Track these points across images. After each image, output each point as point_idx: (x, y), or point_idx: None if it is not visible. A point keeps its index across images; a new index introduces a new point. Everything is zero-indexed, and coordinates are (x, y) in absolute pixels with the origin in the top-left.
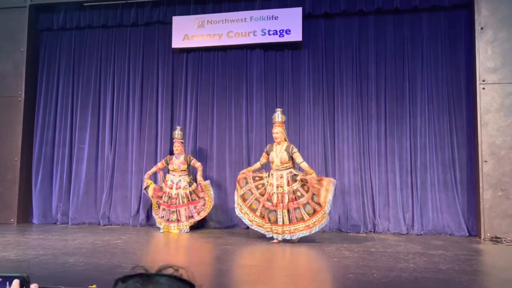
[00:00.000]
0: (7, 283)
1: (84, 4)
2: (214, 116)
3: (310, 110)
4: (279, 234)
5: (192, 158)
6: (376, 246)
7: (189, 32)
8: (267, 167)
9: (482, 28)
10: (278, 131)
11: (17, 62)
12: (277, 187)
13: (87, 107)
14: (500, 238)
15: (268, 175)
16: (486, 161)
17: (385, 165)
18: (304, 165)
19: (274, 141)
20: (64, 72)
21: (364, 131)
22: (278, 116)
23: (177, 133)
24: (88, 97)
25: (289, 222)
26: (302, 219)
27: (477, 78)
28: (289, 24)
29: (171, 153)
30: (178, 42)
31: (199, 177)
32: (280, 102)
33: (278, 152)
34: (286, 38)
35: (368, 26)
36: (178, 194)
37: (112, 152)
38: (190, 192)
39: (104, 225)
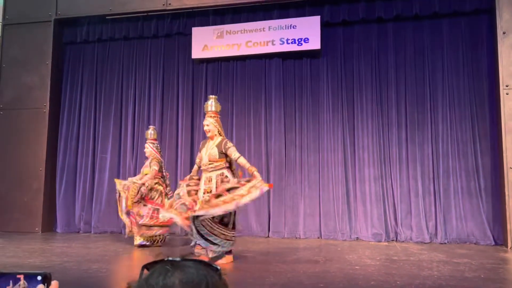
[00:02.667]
0: (31, 279)
1: (107, 17)
2: (234, 125)
3: (330, 118)
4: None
5: (153, 160)
6: (399, 254)
7: (209, 42)
8: None
9: (504, 33)
10: (209, 123)
11: (42, 74)
12: (204, 193)
13: (109, 117)
14: None
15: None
16: (511, 168)
17: (407, 172)
18: (242, 160)
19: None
20: (87, 84)
21: (385, 138)
22: (212, 105)
23: (149, 133)
24: (110, 107)
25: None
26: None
27: (500, 84)
28: (307, 33)
29: (191, 161)
30: (197, 52)
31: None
32: (299, 110)
33: (209, 148)
34: (305, 47)
35: (388, 33)
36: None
37: (133, 161)
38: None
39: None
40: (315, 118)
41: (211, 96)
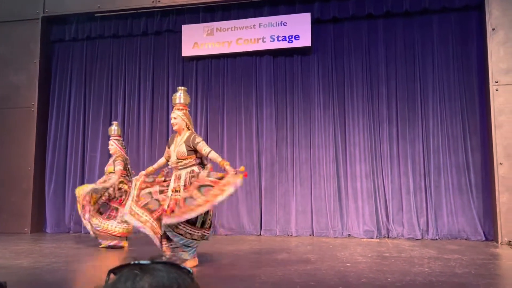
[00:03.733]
0: None
1: (95, 15)
2: (225, 122)
3: (321, 115)
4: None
5: (118, 159)
6: (390, 251)
7: (199, 40)
8: None
9: (493, 29)
10: (176, 115)
11: (30, 73)
12: (173, 191)
13: (98, 116)
14: None
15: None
16: (501, 164)
17: (398, 168)
18: (213, 154)
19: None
20: (76, 82)
21: (376, 135)
22: (180, 96)
23: (113, 129)
24: (100, 106)
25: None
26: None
27: (490, 80)
28: (297, 30)
29: None
30: (188, 50)
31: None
32: (290, 107)
33: (177, 145)
34: (295, 44)
35: (378, 30)
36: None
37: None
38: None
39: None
40: (306, 115)
41: (180, 87)
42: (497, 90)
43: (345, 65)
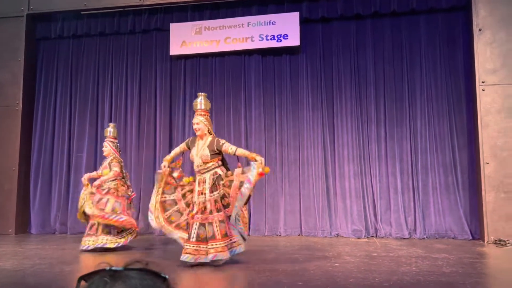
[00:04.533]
0: None
1: (81, 12)
2: (213, 122)
3: (309, 115)
4: (190, 255)
5: (114, 161)
6: (378, 250)
7: (187, 38)
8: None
9: (480, 30)
10: (199, 121)
11: (14, 71)
12: (199, 195)
13: (85, 115)
14: (504, 241)
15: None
16: (487, 163)
17: (386, 168)
18: (240, 151)
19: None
20: (62, 81)
21: (364, 135)
22: (201, 102)
23: (109, 130)
24: (86, 105)
25: (207, 240)
26: (226, 236)
27: (477, 80)
28: (286, 29)
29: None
30: (175, 49)
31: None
32: (279, 107)
33: (200, 149)
34: (284, 43)
35: (366, 30)
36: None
37: None
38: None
39: None
40: (295, 115)
41: (200, 93)
42: (483, 90)
43: (334, 65)
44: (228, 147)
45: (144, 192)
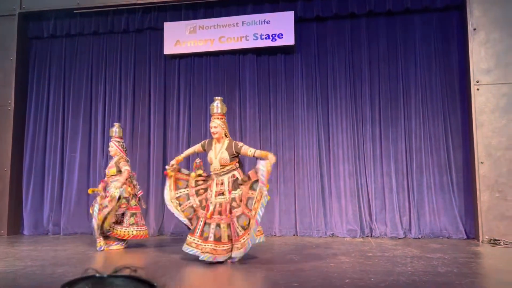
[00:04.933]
0: None
1: (75, 11)
2: (208, 122)
3: (304, 114)
4: (209, 254)
5: (121, 160)
6: (373, 250)
7: (181, 38)
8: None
9: (474, 29)
10: (217, 125)
11: (6, 70)
12: (216, 195)
13: (78, 115)
14: (498, 240)
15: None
16: (482, 163)
17: (381, 168)
18: (258, 153)
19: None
20: (55, 80)
21: (359, 134)
22: (218, 106)
23: (114, 130)
24: (79, 104)
25: (228, 239)
26: (240, 235)
27: (471, 79)
28: (281, 28)
29: (164, 159)
30: (170, 48)
31: (118, 184)
32: (274, 107)
33: (218, 152)
34: (279, 42)
35: (361, 29)
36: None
37: (104, 160)
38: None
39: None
40: (289, 115)
41: (216, 97)
42: (478, 89)
43: (329, 64)
44: (247, 150)
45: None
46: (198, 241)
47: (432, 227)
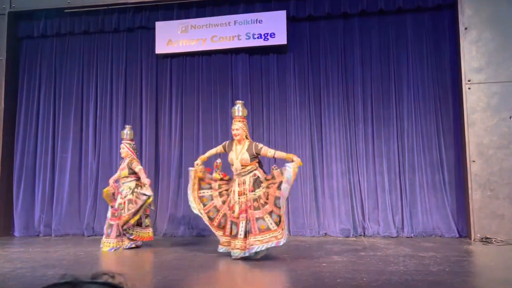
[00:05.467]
0: None
1: (65, 10)
2: (200, 121)
3: (297, 114)
4: (240, 250)
5: (133, 161)
6: (366, 249)
7: (173, 37)
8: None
9: (466, 28)
10: (238, 127)
11: None
12: (239, 195)
13: (69, 115)
14: (490, 238)
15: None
16: (474, 161)
17: (373, 167)
18: (278, 154)
19: (234, 139)
20: (46, 80)
21: (351, 134)
22: (239, 109)
23: (125, 133)
24: (71, 104)
25: (246, 234)
26: (268, 229)
27: (463, 78)
28: (273, 28)
29: (156, 158)
30: (161, 47)
31: (144, 180)
32: (266, 106)
33: (239, 153)
34: (271, 42)
35: (353, 28)
36: (119, 205)
37: (95, 160)
38: (128, 201)
39: (89, 236)
40: (282, 114)
41: (238, 101)
42: (469, 88)
43: (321, 64)
44: (267, 151)
45: None
46: (227, 239)
47: (425, 226)
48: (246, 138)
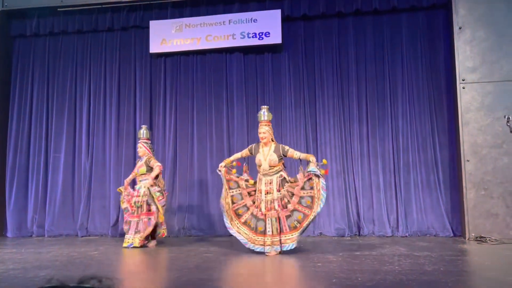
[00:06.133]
0: None
1: (58, 9)
2: (194, 121)
3: (292, 114)
4: (267, 245)
5: (151, 159)
6: (361, 249)
7: (167, 36)
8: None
9: (460, 28)
10: (265, 131)
11: None
12: (266, 194)
13: (62, 115)
14: (484, 237)
15: (255, 181)
16: (468, 161)
17: (368, 167)
18: (304, 155)
19: (260, 141)
20: (38, 79)
21: (346, 134)
22: (264, 114)
23: (142, 132)
24: (64, 104)
25: (280, 232)
26: (295, 228)
27: (457, 78)
28: (268, 27)
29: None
30: (155, 47)
31: (150, 181)
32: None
33: (266, 155)
34: (266, 41)
35: (348, 28)
36: (136, 203)
37: (89, 160)
38: (147, 200)
39: (82, 236)
40: (277, 114)
41: (263, 106)
42: (463, 88)
43: (316, 63)
44: (293, 153)
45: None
46: (253, 236)
47: (419, 225)
48: (273, 141)
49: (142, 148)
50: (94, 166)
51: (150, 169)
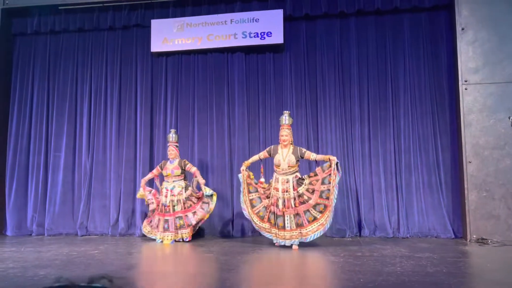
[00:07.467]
0: None
1: (59, 7)
2: (195, 121)
3: (293, 114)
4: (286, 239)
5: (187, 162)
6: (362, 250)
7: (169, 35)
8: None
9: (463, 29)
10: (287, 133)
11: None
12: (283, 192)
13: (63, 114)
14: (486, 239)
15: (271, 181)
16: (470, 162)
17: (370, 168)
18: (320, 156)
19: (280, 143)
20: (39, 78)
21: (348, 134)
22: (286, 118)
23: (171, 136)
24: (64, 103)
25: (297, 226)
26: (315, 219)
27: (460, 79)
28: (270, 27)
29: (151, 158)
30: (157, 46)
31: (201, 180)
32: (263, 106)
33: (285, 156)
34: (267, 41)
35: (350, 28)
36: (171, 202)
37: (89, 160)
38: (186, 198)
39: (82, 236)
40: (278, 114)
41: (285, 111)
42: (466, 89)
43: (318, 64)
44: (310, 155)
45: (124, 194)
46: (273, 230)
47: (421, 227)
48: (291, 143)
49: (174, 151)
50: (94, 165)
51: (183, 171)
